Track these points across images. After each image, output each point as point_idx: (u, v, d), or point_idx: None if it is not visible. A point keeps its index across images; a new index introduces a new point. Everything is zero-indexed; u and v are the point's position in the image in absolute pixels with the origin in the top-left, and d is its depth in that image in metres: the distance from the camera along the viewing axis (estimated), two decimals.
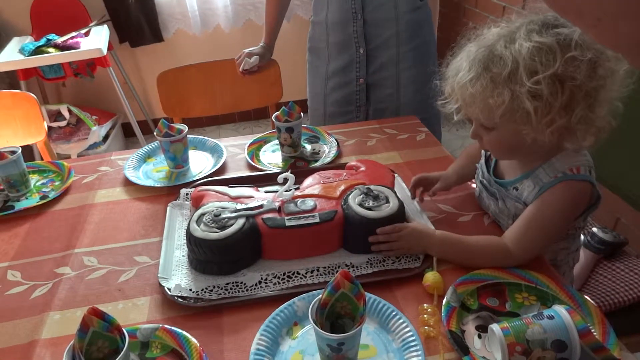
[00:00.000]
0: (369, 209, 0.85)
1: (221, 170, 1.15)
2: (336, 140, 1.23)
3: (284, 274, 0.82)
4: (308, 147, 1.23)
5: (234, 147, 1.24)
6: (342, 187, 0.91)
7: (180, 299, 0.77)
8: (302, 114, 1.16)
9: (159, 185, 1.09)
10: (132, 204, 1.05)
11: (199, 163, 1.19)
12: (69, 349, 0.59)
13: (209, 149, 1.24)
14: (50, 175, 1.18)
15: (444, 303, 0.74)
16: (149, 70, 2.83)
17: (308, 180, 0.95)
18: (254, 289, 0.79)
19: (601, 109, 0.72)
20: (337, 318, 0.66)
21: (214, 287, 0.79)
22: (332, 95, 1.51)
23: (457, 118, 0.83)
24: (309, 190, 0.91)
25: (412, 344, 0.67)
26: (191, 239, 0.81)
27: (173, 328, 0.71)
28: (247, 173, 1.12)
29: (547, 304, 0.75)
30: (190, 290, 0.79)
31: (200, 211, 0.86)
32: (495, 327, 0.65)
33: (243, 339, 0.71)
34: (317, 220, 0.83)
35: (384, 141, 1.24)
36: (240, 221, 0.82)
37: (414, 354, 0.66)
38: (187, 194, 1.02)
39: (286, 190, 0.88)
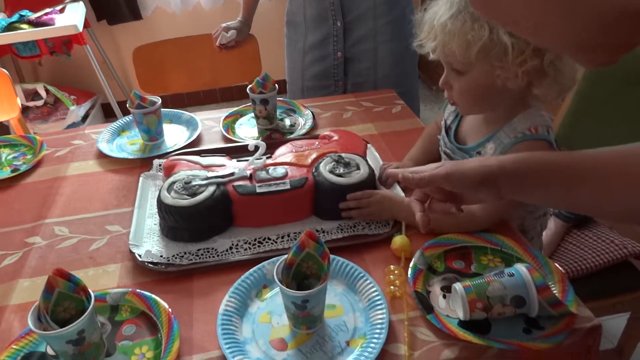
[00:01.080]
0: (340, 175, 0.86)
1: (196, 142, 1.14)
2: (312, 112, 1.23)
3: (255, 240, 0.82)
4: (287, 121, 1.22)
5: (209, 121, 1.24)
6: (314, 155, 0.91)
7: (150, 265, 0.78)
8: (276, 85, 1.16)
9: (132, 157, 1.09)
10: (105, 176, 1.04)
11: (174, 136, 1.18)
12: (34, 310, 0.59)
13: (184, 122, 1.23)
14: (22, 149, 1.16)
15: (411, 265, 0.76)
16: (128, 49, 2.74)
17: (280, 150, 0.96)
18: (225, 254, 0.80)
19: (568, 62, 0.73)
20: (304, 279, 0.67)
21: (185, 253, 0.80)
22: (310, 70, 1.50)
23: (432, 57, 0.83)
24: (281, 159, 0.91)
25: (378, 303, 0.69)
26: (162, 206, 0.81)
27: (143, 292, 0.72)
28: (222, 145, 1.12)
29: (511, 265, 0.76)
30: (161, 256, 0.79)
31: (171, 179, 0.86)
32: (457, 285, 0.67)
33: (212, 301, 0.72)
34: (288, 187, 0.84)
35: (360, 114, 1.25)
36: (211, 188, 0.83)
37: (379, 312, 0.68)
38: (159, 165, 1.02)
39: (257, 159, 0.88)
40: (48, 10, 2.20)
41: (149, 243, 0.82)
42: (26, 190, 1.01)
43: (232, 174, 0.86)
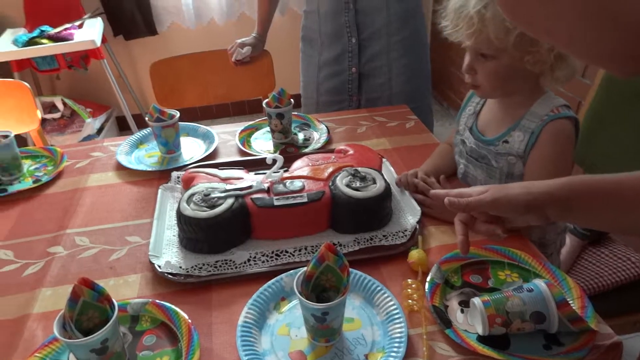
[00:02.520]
0: (356, 189, 0.87)
1: (212, 155, 1.16)
2: (326, 127, 1.24)
3: (273, 253, 0.83)
4: (300, 135, 1.24)
5: (225, 134, 1.26)
6: (331, 169, 0.92)
7: (170, 276, 0.78)
8: (291, 100, 1.18)
9: (151, 169, 1.11)
10: (124, 188, 1.06)
11: (191, 149, 1.20)
12: (59, 318, 0.60)
13: (200, 136, 1.26)
14: (43, 160, 1.19)
15: (428, 280, 0.76)
16: (144, 63, 2.84)
17: (297, 163, 0.97)
18: (243, 266, 0.81)
19: None
20: (323, 291, 0.68)
21: (204, 264, 0.81)
22: (325, 85, 1.52)
23: (467, 44, 0.84)
24: (297, 172, 0.93)
25: (396, 317, 0.69)
26: (181, 218, 0.82)
27: (163, 302, 0.73)
28: (238, 158, 1.14)
29: (529, 280, 0.76)
30: (180, 267, 0.80)
31: (190, 191, 0.87)
32: (476, 300, 0.67)
33: (231, 313, 0.73)
34: (305, 200, 0.85)
35: (374, 128, 1.26)
36: (230, 201, 0.84)
37: (397, 326, 0.68)
38: (178, 177, 1.03)
39: (275, 172, 0.90)
40: (67, 25, 2.25)
41: (168, 254, 0.83)
42: (47, 200, 1.03)
43: (250, 186, 0.88)
